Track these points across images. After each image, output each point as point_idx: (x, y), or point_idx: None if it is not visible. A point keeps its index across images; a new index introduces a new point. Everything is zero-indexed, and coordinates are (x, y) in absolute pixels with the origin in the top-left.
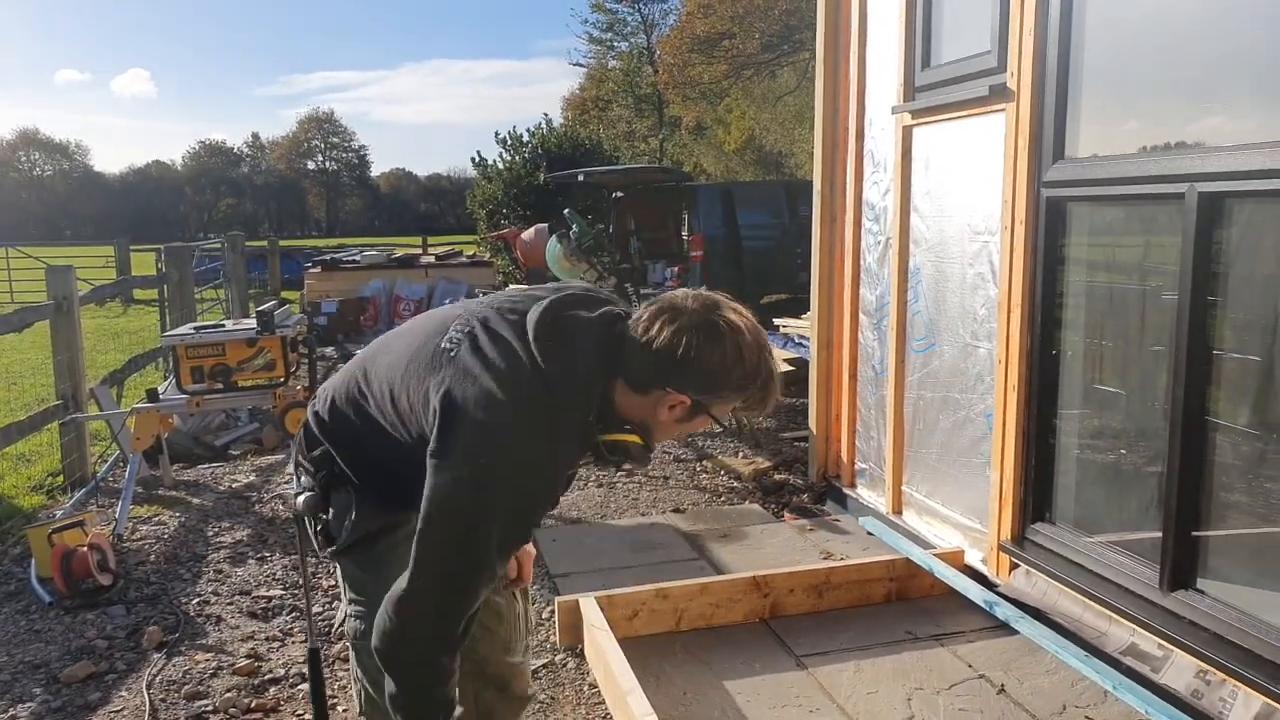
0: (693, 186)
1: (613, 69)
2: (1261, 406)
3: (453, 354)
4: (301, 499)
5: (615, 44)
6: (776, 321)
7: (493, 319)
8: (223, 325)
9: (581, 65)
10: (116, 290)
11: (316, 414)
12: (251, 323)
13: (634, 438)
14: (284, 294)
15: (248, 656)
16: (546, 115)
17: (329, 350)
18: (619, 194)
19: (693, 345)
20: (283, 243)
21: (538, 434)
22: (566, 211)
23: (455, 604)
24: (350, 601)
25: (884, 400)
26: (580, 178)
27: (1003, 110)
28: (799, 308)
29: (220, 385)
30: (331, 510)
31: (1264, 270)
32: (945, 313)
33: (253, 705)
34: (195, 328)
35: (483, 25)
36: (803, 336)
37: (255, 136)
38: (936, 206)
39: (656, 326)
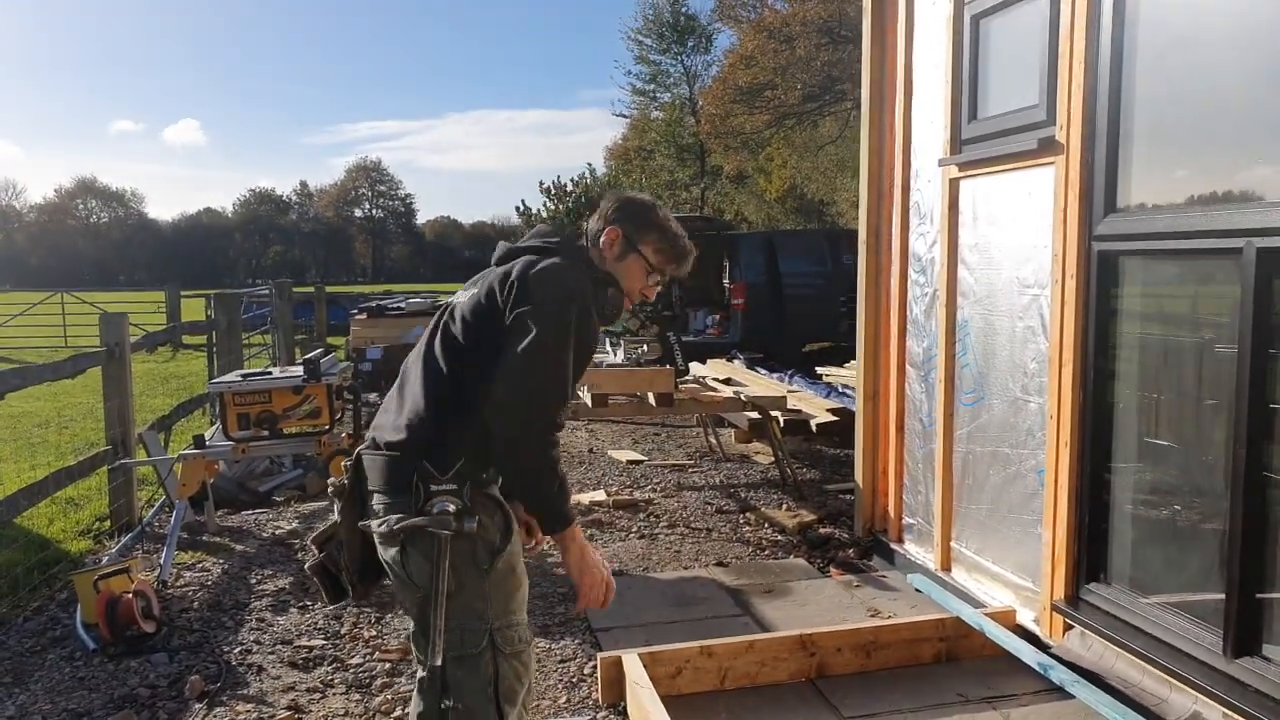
0: (734, 235)
1: (655, 119)
2: None
3: (490, 274)
4: (458, 518)
5: (658, 95)
6: (820, 370)
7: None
8: (269, 373)
9: (625, 116)
10: (167, 337)
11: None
12: (298, 370)
13: (609, 274)
14: (330, 339)
15: (288, 708)
16: (590, 165)
17: (373, 396)
18: None
19: (621, 197)
20: (329, 288)
21: (582, 274)
22: None
23: (562, 393)
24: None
25: (932, 454)
26: None
27: (1052, 163)
28: (842, 356)
29: (266, 432)
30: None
31: None
32: (994, 366)
33: None
34: (242, 375)
35: (526, 76)
36: (846, 386)
37: (303, 184)
38: (984, 259)
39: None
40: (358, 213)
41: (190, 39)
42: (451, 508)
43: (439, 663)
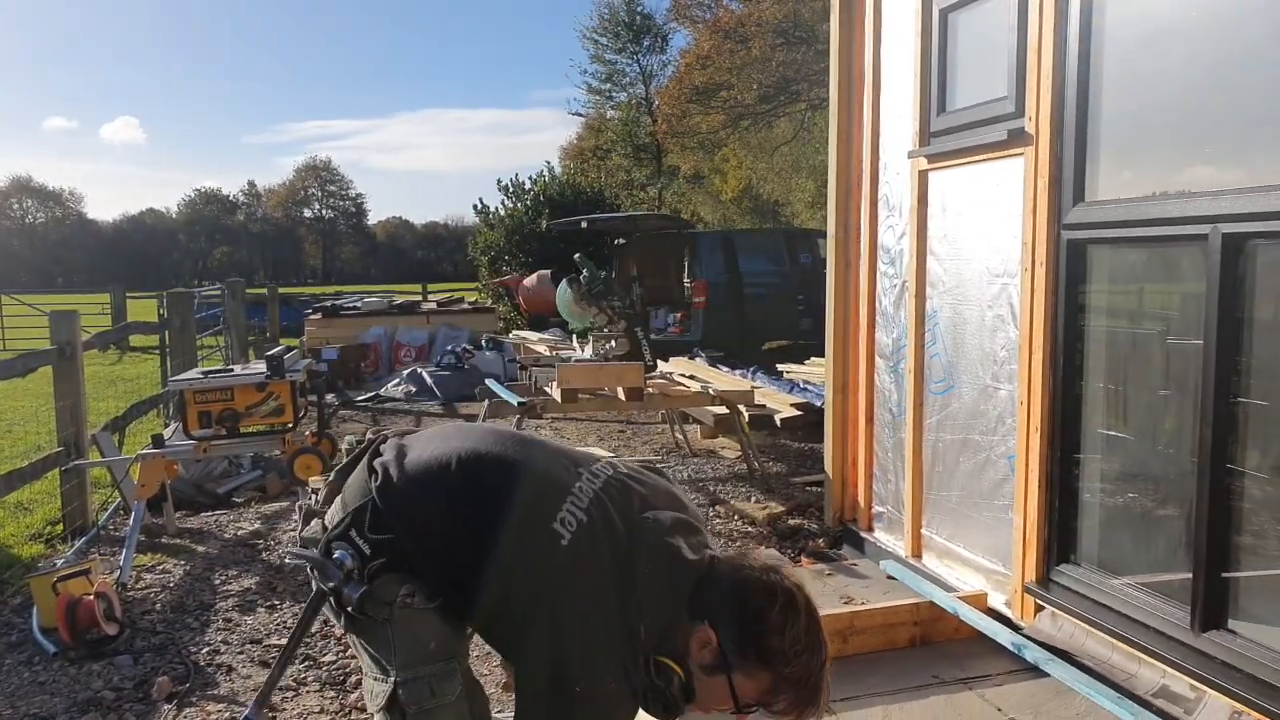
0: (694, 234)
1: (611, 119)
2: None
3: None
4: (334, 573)
5: (614, 94)
6: (780, 368)
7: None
8: (231, 370)
9: (581, 115)
10: (119, 335)
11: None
12: (260, 367)
13: (678, 667)
14: (284, 341)
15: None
16: (549, 163)
17: (330, 397)
18: (620, 241)
19: (751, 586)
20: (280, 289)
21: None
22: (578, 256)
23: None
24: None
25: (902, 442)
26: (584, 224)
27: (1021, 154)
28: (802, 354)
29: (227, 430)
30: (369, 588)
31: None
32: (964, 355)
33: None
34: (203, 372)
35: (477, 75)
36: (808, 382)
37: (251, 184)
38: (953, 250)
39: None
40: (307, 213)
41: (124, 34)
42: (349, 563)
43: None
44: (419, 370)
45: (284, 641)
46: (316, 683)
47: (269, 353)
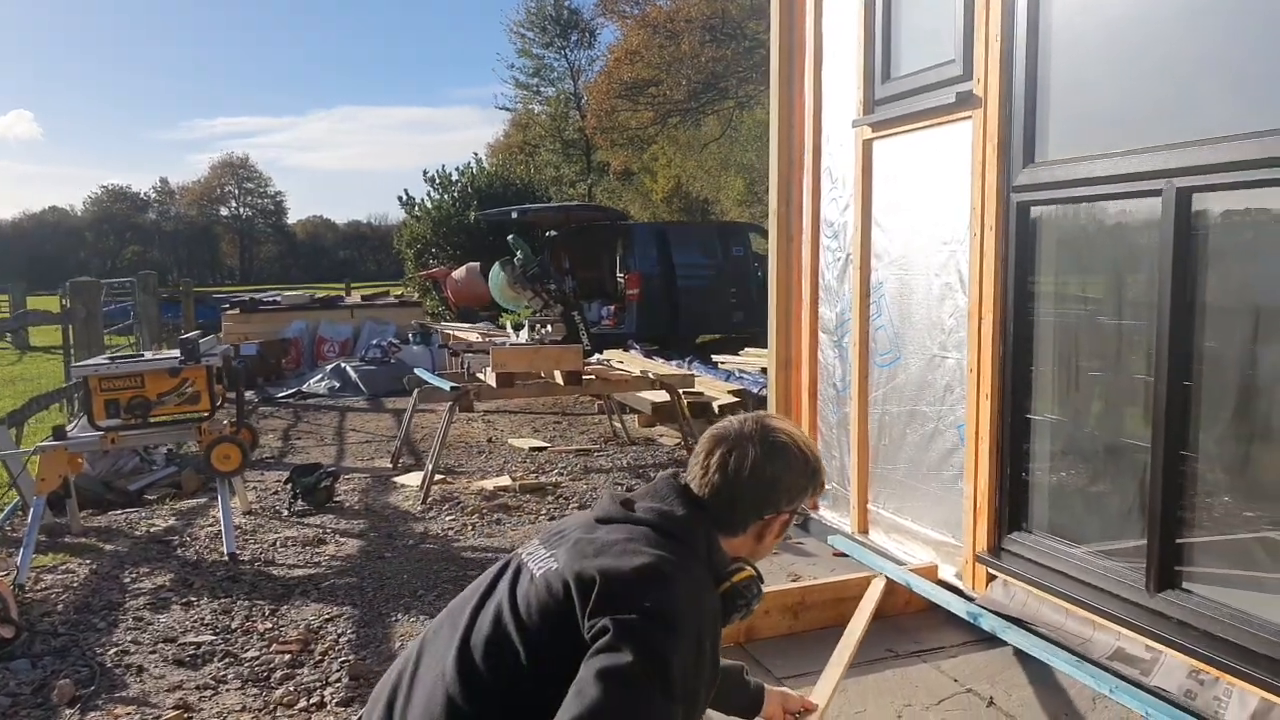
0: (628, 226)
1: (539, 114)
2: (1245, 403)
3: (554, 564)
4: None
5: (541, 89)
6: (716, 358)
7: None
8: (141, 355)
9: (508, 109)
10: (16, 324)
11: None
12: (174, 352)
13: (749, 572)
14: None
15: (176, 707)
16: (476, 154)
17: (249, 394)
18: (552, 233)
19: (773, 470)
20: (195, 288)
21: (696, 575)
22: (510, 237)
23: None
24: None
25: (846, 418)
26: (514, 215)
27: (969, 117)
28: (735, 347)
29: (138, 420)
30: None
31: (1245, 265)
32: (911, 325)
33: None
34: (111, 357)
35: (394, 72)
36: (743, 371)
37: (164, 181)
38: (899, 219)
39: (730, 465)
40: (224, 211)
41: (14, 25)
42: None
43: None
44: (343, 365)
45: (202, 638)
46: (238, 680)
47: (184, 336)
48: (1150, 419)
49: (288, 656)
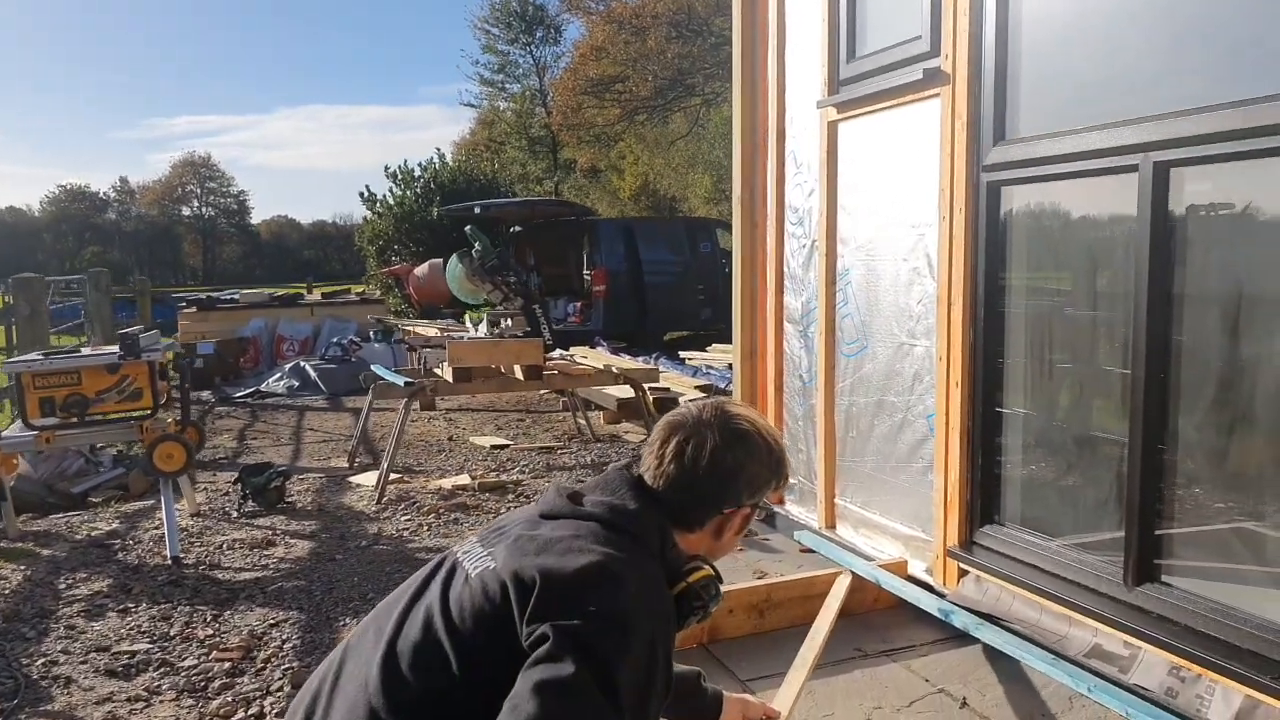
0: (594, 221)
1: (505, 110)
2: (1226, 387)
3: (491, 562)
4: None
5: (507, 85)
6: (683, 354)
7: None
8: (78, 350)
9: (473, 105)
10: None
11: None
12: (114, 348)
13: (707, 571)
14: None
15: None
16: (439, 150)
17: (205, 394)
18: (517, 228)
19: (734, 460)
20: (156, 289)
21: (649, 575)
22: (469, 228)
23: None
24: None
25: (813, 410)
26: (476, 210)
27: (938, 95)
28: (703, 344)
29: (75, 419)
30: None
31: (1227, 246)
32: (878, 313)
33: None
34: (44, 353)
35: (360, 71)
36: (710, 367)
37: (123, 180)
38: (866, 203)
39: (687, 455)
40: (186, 211)
41: None
42: None
43: None
44: (302, 364)
45: (137, 646)
46: (173, 690)
47: (123, 330)
48: (1128, 405)
49: (228, 665)
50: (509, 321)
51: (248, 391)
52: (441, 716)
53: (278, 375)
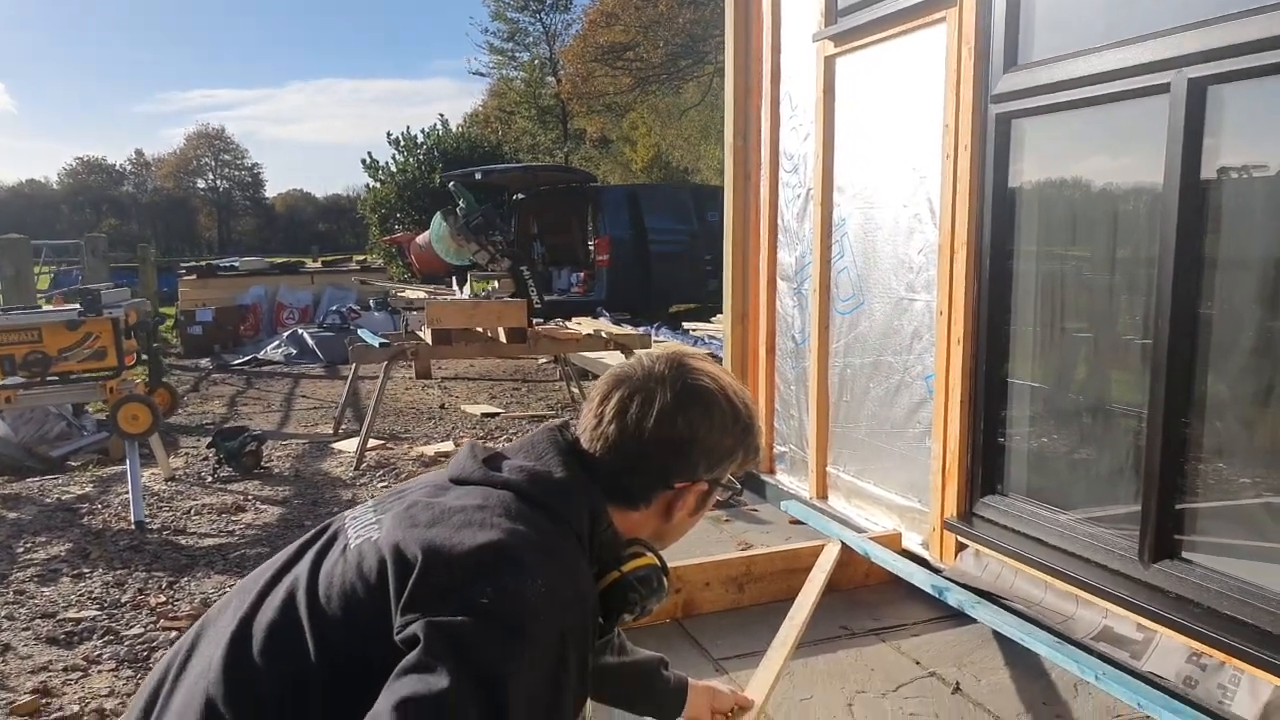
0: (597, 188)
1: (514, 79)
2: (1262, 353)
3: (374, 534)
4: None
5: (516, 54)
6: (686, 325)
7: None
8: (37, 306)
9: (482, 74)
10: None
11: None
12: (75, 305)
13: (649, 559)
14: (164, 310)
15: (34, 692)
16: (441, 115)
17: (203, 361)
18: (520, 195)
19: (687, 424)
20: (169, 259)
21: (566, 561)
22: (452, 185)
23: None
24: None
25: (805, 372)
26: (477, 175)
27: (943, 19)
28: (708, 316)
29: (36, 377)
30: None
31: (1272, 182)
32: (876, 265)
33: None
34: (3, 309)
35: (373, 44)
36: (712, 336)
37: (139, 153)
38: (864, 145)
39: (631, 414)
40: (200, 184)
41: None
42: None
43: None
44: (300, 331)
45: (84, 614)
46: (113, 660)
47: (85, 287)
48: (1150, 358)
49: (174, 634)
50: (496, 284)
51: (245, 359)
52: (287, 717)
53: (276, 343)
